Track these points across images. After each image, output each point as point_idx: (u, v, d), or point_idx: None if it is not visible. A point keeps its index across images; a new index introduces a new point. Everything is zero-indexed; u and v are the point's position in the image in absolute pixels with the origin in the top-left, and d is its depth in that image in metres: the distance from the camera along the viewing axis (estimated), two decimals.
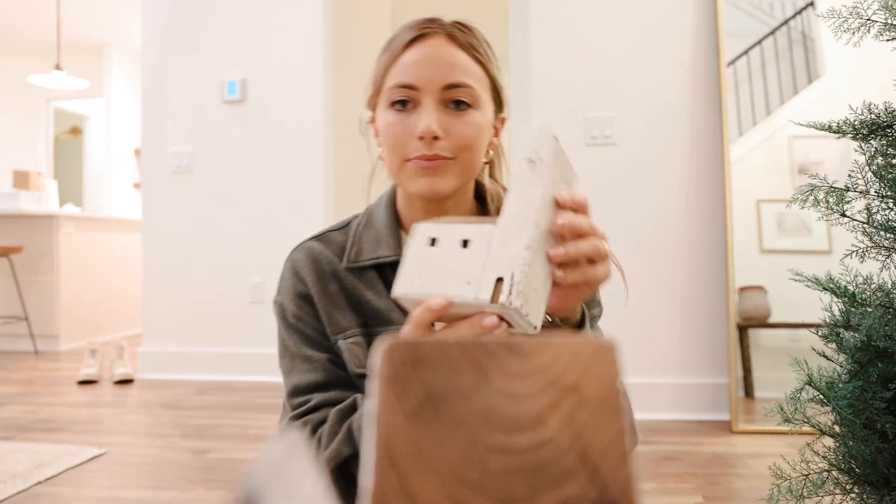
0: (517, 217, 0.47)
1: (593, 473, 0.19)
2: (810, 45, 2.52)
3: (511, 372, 0.21)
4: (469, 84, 0.71)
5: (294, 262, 0.78)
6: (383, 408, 0.20)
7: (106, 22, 5.50)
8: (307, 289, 0.76)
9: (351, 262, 0.76)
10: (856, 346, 1.13)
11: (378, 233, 0.78)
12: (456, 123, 0.71)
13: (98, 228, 4.53)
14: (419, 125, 0.69)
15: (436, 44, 0.72)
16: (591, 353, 0.21)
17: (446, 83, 0.70)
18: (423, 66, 0.71)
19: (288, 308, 0.76)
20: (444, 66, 0.71)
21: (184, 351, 3.14)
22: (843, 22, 1.19)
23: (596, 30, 2.58)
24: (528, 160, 0.50)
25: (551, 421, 0.20)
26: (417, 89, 0.71)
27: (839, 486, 1.17)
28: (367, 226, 0.80)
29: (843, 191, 1.17)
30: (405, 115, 0.71)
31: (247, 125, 3.09)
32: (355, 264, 0.76)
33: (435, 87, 0.70)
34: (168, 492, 1.73)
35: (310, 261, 0.77)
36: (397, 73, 0.72)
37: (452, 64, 0.71)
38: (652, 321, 2.51)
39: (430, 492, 0.19)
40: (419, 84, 0.70)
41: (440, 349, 0.21)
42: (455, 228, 0.48)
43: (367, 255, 0.77)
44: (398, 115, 0.72)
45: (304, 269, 0.77)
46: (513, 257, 0.45)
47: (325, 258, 0.77)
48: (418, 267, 0.49)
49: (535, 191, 0.48)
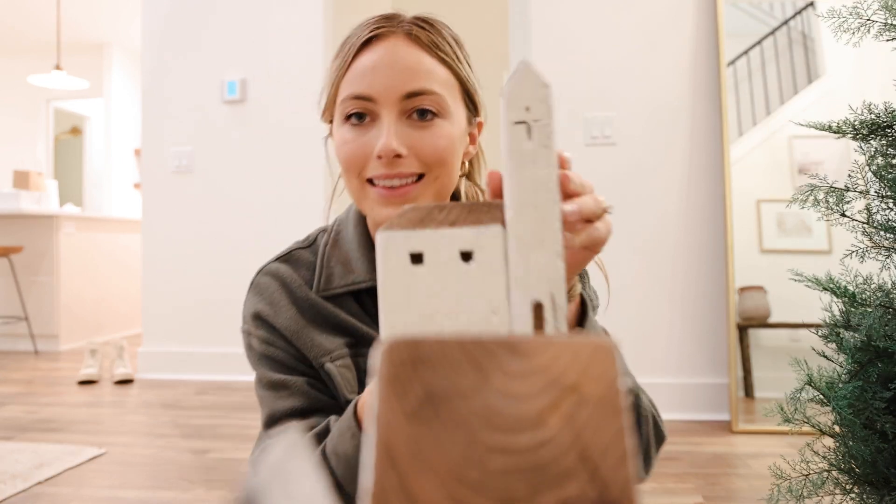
0: (531, 211, 0.36)
1: (593, 473, 0.19)
2: (810, 45, 2.53)
3: (511, 372, 0.21)
4: (434, 90, 0.62)
5: (261, 288, 0.70)
6: (383, 408, 0.20)
7: (106, 22, 5.51)
8: (276, 314, 0.67)
9: (322, 291, 0.67)
10: (856, 346, 1.13)
11: (348, 254, 0.69)
12: (421, 136, 0.61)
13: (98, 228, 4.53)
14: (378, 142, 0.60)
15: (393, 45, 0.62)
16: (592, 353, 0.21)
17: (407, 91, 0.61)
18: (378, 73, 0.61)
19: (255, 334, 0.69)
20: (403, 71, 0.61)
21: (184, 351, 3.14)
22: (842, 22, 1.19)
23: (596, 30, 2.58)
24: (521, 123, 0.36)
25: (551, 421, 0.20)
26: (374, 101, 0.61)
27: (839, 486, 1.17)
28: (336, 245, 0.70)
29: (843, 191, 1.17)
30: (362, 130, 0.62)
31: (247, 125, 3.09)
32: (327, 292, 0.67)
33: (394, 97, 0.61)
34: (168, 492, 1.73)
35: (279, 285, 0.69)
36: (350, 83, 0.62)
37: (413, 68, 0.61)
38: (652, 321, 2.51)
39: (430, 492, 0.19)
40: (375, 94, 0.61)
41: (440, 349, 0.21)
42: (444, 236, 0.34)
43: (339, 280, 0.68)
44: (354, 130, 0.62)
45: (273, 293, 0.68)
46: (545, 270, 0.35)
47: (294, 281, 0.69)
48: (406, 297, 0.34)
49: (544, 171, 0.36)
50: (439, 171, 0.63)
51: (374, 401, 0.20)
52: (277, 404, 0.65)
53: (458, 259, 0.34)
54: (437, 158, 0.62)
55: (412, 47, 0.62)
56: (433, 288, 0.34)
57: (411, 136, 0.61)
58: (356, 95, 0.62)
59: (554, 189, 0.35)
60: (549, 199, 0.35)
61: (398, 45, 0.62)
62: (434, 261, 0.34)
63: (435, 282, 0.34)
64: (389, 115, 0.61)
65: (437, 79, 0.62)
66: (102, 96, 5.95)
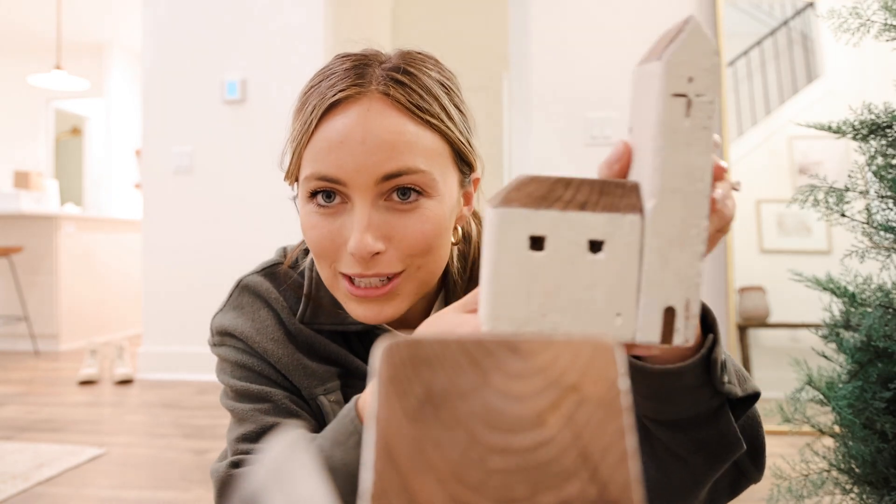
0: (678, 202, 0.30)
1: (593, 473, 0.19)
2: (810, 45, 2.53)
3: (511, 372, 0.21)
4: (417, 168, 0.51)
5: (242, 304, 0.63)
6: (383, 408, 0.20)
7: (106, 22, 5.51)
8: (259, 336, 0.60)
9: (307, 323, 0.60)
10: (856, 346, 1.13)
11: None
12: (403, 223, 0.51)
13: (98, 228, 4.53)
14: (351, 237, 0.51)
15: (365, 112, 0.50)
16: (592, 352, 0.21)
17: (384, 173, 0.50)
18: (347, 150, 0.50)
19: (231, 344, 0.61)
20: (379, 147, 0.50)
21: (184, 351, 3.14)
22: (842, 22, 1.19)
23: (596, 30, 2.58)
24: (681, 97, 0.29)
25: (551, 421, 0.20)
26: (343, 184, 0.51)
27: (839, 486, 1.17)
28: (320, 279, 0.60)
29: (843, 191, 1.17)
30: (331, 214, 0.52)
31: (247, 125, 3.09)
32: (312, 326, 0.60)
33: (368, 181, 0.50)
34: (168, 492, 1.73)
35: (262, 304, 0.62)
36: (314, 158, 0.51)
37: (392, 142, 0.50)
38: None
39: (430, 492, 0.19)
40: (345, 177, 0.50)
41: (440, 349, 0.21)
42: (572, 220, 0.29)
43: (328, 318, 0.60)
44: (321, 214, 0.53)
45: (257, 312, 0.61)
46: (684, 272, 0.31)
47: (278, 302, 0.61)
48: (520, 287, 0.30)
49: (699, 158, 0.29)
50: (424, 261, 0.53)
51: (374, 401, 0.20)
52: (262, 419, 0.57)
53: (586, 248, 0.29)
54: (422, 248, 0.52)
55: (389, 112, 0.50)
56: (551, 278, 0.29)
57: (390, 223, 0.51)
58: (321, 176, 0.51)
59: (707, 179, 0.29)
60: (700, 190, 0.30)
61: (372, 112, 0.50)
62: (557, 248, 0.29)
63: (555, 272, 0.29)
64: (363, 200, 0.50)
65: (421, 151, 0.51)
66: (102, 96, 5.95)
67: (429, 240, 0.52)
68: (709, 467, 0.49)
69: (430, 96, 0.52)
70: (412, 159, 0.50)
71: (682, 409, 0.47)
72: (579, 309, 0.30)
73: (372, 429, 0.20)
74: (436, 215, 0.52)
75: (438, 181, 0.53)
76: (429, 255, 0.53)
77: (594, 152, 2.56)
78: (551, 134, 2.58)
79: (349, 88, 0.51)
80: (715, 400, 0.47)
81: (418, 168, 0.51)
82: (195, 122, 3.13)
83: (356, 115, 0.50)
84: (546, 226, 0.29)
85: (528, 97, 2.60)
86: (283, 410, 0.58)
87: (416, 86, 0.52)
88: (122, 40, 5.92)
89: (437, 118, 0.52)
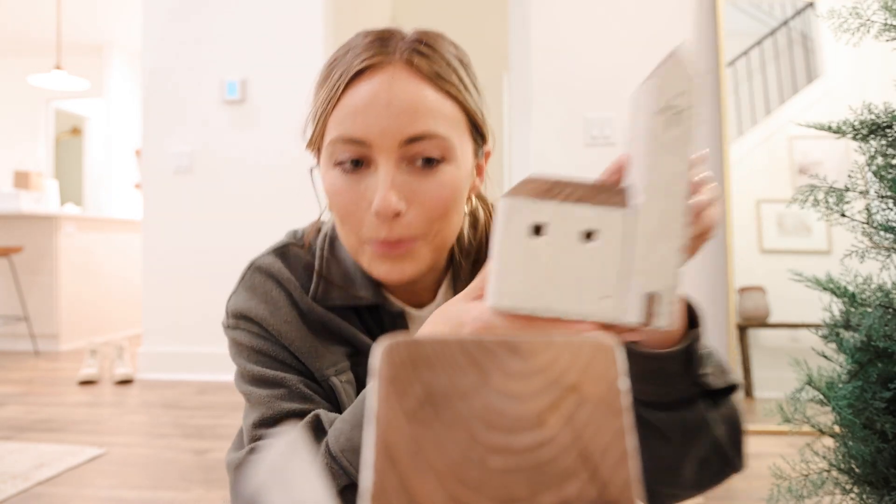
0: (663, 200, 0.34)
1: (593, 473, 0.19)
2: (810, 45, 2.53)
3: (511, 372, 0.21)
4: (438, 133, 0.53)
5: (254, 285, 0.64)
6: (383, 408, 0.20)
7: (106, 22, 5.51)
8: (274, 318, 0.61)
9: (319, 301, 0.62)
10: (856, 346, 1.13)
11: (347, 269, 0.63)
12: (424, 187, 0.54)
13: (98, 228, 4.53)
14: (375, 197, 0.53)
15: (390, 78, 0.53)
16: (592, 352, 0.21)
17: (407, 136, 0.53)
18: (373, 113, 0.52)
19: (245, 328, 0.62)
20: (403, 111, 0.52)
21: (184, 351, 3.14)
22: (842, 22, 1.19)
23: (596, 30, 2.58)
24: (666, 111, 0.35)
25: (551, 421, 0.20)
26: (368, 145, 0.53)
27: (839, 486, 1.17)
28: (333, 254, 0.64)
29: (843, 191, 1.17)
30: (356, 178, 0.55)
31: (247, 125, 3.09)
32: (325, 304, 0.62)
33: (392, 143, 0.53)
34: (168, 492, 1.73)
35: (275, 284, 0.63)
36: (340, 122, 0.54)
37: (415, 107, 0.53)
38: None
39: (430, 492, 0.19)
40: (370, 139, 0.53)
41: (440, 349, 0.21)
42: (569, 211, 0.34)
43: (339, 294, 0.62)
44: (346, 178, 0.55)
45: (270, 293, 0.63)
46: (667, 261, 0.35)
47: (290, 283, 0.63)
48: (522, 267, 0.35)
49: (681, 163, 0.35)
50: (441, 226, 0.56)
51: (374, 401, 0.20)
52: (278, 405, 0.58)
53: (580, 237, 0.34)
54: (441, 211, 0.55)
55: (412, 79, 0.53)
56: (550, 262, 0.34)
57: (412, 186, 0.54)
58: (348, 139, 0.54)
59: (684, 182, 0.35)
60: (681, 191, 0.35)
61: (396, 78, 0.53)
62: (555, 235, 0.34)
63: (553, 256, 0.34)
64: (387, 162, 0.53)
65: (441, 117, 0.54)
66: (102, 96, 5.95)
67: (447, 204, 0.55)
68: (684, 445, 0.55)
69: (449, 67, 0.56)
70: (434, 124, 0.53)
71: (662, 392, 0.52)
72: (572, 290, 0.35)
73: (372, 429, 0.20)
74: (454, 180, 0.55)
75: (457, 147, 0.55)
76: (445, 220, 0.56)
77: (594, 152, 2.56)
78: (551, 133, 2.58)
79: (374, 57, 0.54)
80: (693, 388, 0.53)
81: (439, 133, 0.54)
82: (195, 122, 3.13)
83: (381, 82, 0.53)
84: (546, 215, 0.34)
85: (528, 97, 2.60)
86: (298, 395, 0.59)
87: (437, 56, 0.55)
88: (122, 40, 5.92)
89: (455, 88, 0.55)
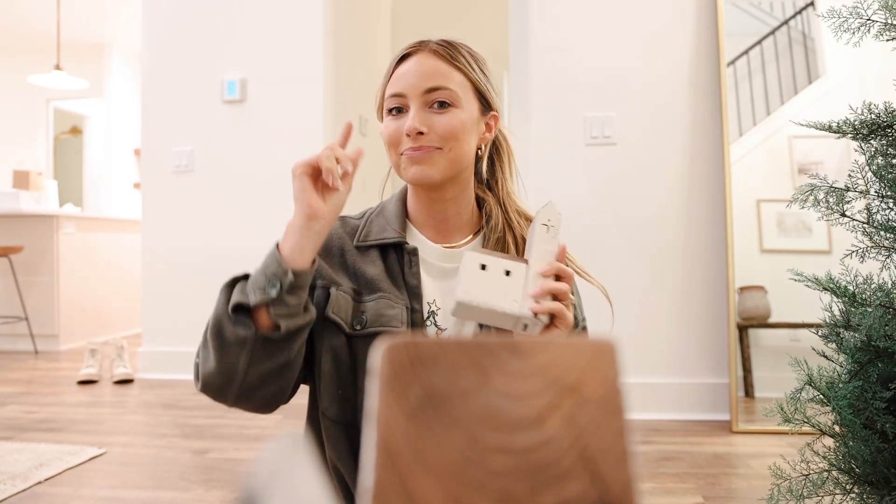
0: (540, 261, 0.71)
1: (593, 473, 0.19)
2: (810, 45, 2.53)
3: (511, 372, 0.21)
4: (447, 87, 0.83)
5: None
6: (383, 408, 0.20)
7: (106, 22, 5.51)
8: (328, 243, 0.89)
9: (360, 241, 0.89)
10: (856, 346, 1.13)
11: (387, 220, 0.90)
12: (438, 119, 0.82)
13: (98, 228, 4.53)
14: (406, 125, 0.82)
15: (420, 58, 0.84)
16: (592, 353, 0.21)
17: (427, 87, 0.82)
18: (408, 76, 0.83)
19: None
20: (425, 74, 0.83)
21: (184, 351, 3.14)
22: (843, 22, 1.19)
23: (596, 30, 2.58)
24: (545, 226, 0.73)
25: (551, 421, 0.20)
26: (405, 96, 0.83)
27: (839, 486, 1.17)
28: (379, 214, 0.92)
29: (843, 191, 1.17)
30: (398, 119, 0.84)
31: (247, 125, 3.09)
32: (363, 243, 0.89)
33: (418, 93, 0.83)
34: (168, 492, 1.73)
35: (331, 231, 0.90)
36: (391, 86, 0.85)
37: (432, 72, 0.83)
38: (652, 321, 2.51)
39: (430, 492, 0.19)
40: (405, 91, 0.83)
41: (440, 349, 0.21)
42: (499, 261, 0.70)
43: (375, 236, 0.89)
44: (393, 119, 0.85)
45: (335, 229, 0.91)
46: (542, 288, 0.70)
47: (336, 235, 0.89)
48: (474, 283, 0.68)
49: (550, 248, 0.72)
50: (453, 145, 0.83)
51: (374, 401, 0.20)
52: None
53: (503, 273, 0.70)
54: (450, 134, 0.82)
55: (434, 58, 0.84)
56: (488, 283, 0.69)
57: (431, 118, 0.82)
58: (393, 94, 0.84)
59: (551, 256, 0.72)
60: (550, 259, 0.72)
61: (424, 57, 0.84)
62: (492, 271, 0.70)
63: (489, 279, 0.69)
64: (415, 104, 0.83)
65: (451, 79, 0.83)
66: (102, 96, 5.95)
67: (455, 130, 0.82)
68: None
69: (460, 55, 0.85)
70: (445, 82, 0.83)
71: None
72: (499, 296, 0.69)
73: (372, 429, 0.20)
74: (460, 118, 0.83)
75: (462, 98, 0.84)
76: (455, 142, 0.83)
77: (594, 152, 2.56)
78: (551, 133, 2.58)
79: (412, 48, 0.85)
80: None
81: (448, 87, 0.83)
82: (195, 121, 3.13)
83: (414, 61, 0.84)
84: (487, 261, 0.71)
85: (528, 96, 2.60)
86: None
87: (452, 47, 0.86)
88: (122, 40, 5.92)
89: (463, 64, 0.85)
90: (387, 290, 0.83)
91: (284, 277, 0.72)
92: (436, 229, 0.89)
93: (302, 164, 0.72)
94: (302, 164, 0.72)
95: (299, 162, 0.72)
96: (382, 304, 0.82)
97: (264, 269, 0.74)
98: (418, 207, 0.89)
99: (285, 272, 0.72)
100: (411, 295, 0.84)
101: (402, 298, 0.83)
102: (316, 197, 0.73)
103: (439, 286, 0.86)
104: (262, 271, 0.74)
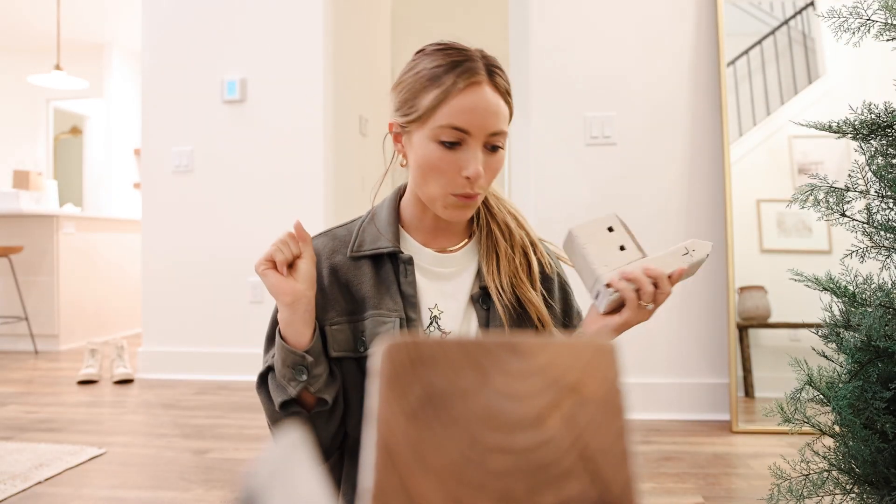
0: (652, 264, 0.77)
1: (593, 473, 0.19)
2: (810, 45, 2.53)
3: (511, 372, 0.21)
4: (504, 131, 0.83)
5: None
6: (383, 408, 0.20)
7: (106, 22, 5.50)
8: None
9: (353, 252, 0.87)
10: (856, 346, 1.13)
11: (379, 229, 0.89)
12: (491, 163, 0.82)
13: (98, 228, 4.53)
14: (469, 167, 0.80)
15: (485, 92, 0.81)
16: (592, 353, 0.21)
17: (491, 131, 0.81)
18: (476, 114, 0.80)
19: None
20: (491, 115, 0.80)
21: (184, 351, 3.14)
22: (843, 22, 1.19)
23: (596, 29, 2.58)
24: (685, 248, 0.78)
25: (551, 421, 0.20)
26: (469, 133, 0.80)
27: (839, 486, 1.17)
28: (371, 223, 0.90)
29: (843, 191, 1.17)
30: (453, 153, 0.81)
31: (247, 125, 3.09)
32: (357, 254, 0.87)
33: (483, 135, 0.80)
34: (168, 492, 1.73)
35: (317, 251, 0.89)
36: (452, 115, 0.80)
37: (497, 113, 0.81)
38: (652, 321, 2.50)
39: (430, 492, 0.19)
40: (472, 130, 0.80)
41: (440, 349, 0.21)
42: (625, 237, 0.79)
43: (369, 246, 0.88)
44: (446, 152, 0.81)
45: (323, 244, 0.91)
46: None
47: (324, 255, 0.88)
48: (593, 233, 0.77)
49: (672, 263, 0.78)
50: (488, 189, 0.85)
51: (374, 401, 0.20)
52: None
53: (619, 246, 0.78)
54: (494, 178, 0.84)
55: (495, 94, 0.81)
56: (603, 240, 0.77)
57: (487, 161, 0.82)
58: (457, 127, 0.80)
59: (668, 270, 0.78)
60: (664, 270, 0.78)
61: (488, 93, 0.81)
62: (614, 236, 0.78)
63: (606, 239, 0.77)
64: (477, 145, 0.81)
65: (506, 120, 0.83)
66: (102, 96, 5.95)
67: (497, 174, 0.84)
68: None
69: (509, 86, 0.85)
70: (503, 125, 0.82)
71: None
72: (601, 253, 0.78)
73: (372, 429, 0.20)
74: (503, 158, 0.84)
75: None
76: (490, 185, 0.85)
77: (594, 151, 2.56)
78: (551, 133, 2.58)
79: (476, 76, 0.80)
80: None
81: (504, 131, 0.83)
82: (195, 121, 3.13)
83: (480, 95, 0.80)
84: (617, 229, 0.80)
85: (528, 96, 2.60)
86: None
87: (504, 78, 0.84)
88: (122, 40, 5.91)
89: (510, 96, 0.84)
90: (378, 307, 0.84)
91: (304, 361, 0.78)
92: (431, 233, 0.89)
93: (260, 262, 0.78)
94: (260, 262, 0.78)
95: (258, 262, 0.78)
96: (376, 322, 0.83)
97: (283, 361, 0.79)
98: (415, 213, 0.89)
99: (302, 357, 0.78)
100: (407, 304, 0.84)
101: (397, 310, 0.84)
102: (288, 282, 0.77)
103: (439, 288, 0.87)
104: (281, 364, 0.79)
